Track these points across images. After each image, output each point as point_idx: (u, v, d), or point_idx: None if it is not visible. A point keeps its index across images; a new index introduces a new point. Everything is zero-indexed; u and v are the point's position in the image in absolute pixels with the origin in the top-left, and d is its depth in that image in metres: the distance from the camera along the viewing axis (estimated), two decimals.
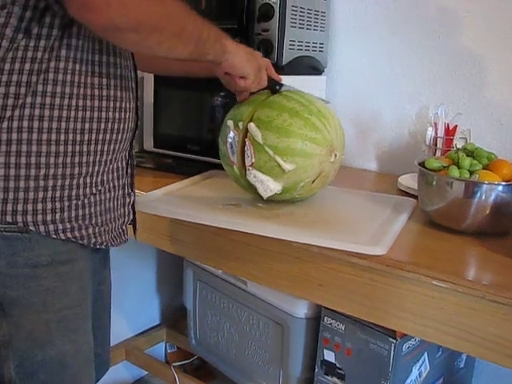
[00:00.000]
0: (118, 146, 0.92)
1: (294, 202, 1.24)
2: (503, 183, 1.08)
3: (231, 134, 1.19)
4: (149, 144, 1.70)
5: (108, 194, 0.92)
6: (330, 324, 1.32)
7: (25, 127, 0.80)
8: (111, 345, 1.21)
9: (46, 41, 0.81)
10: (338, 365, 1.34)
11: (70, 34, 0.83)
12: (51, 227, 0.84)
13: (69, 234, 0.86)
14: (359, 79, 1.75)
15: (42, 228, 0.83)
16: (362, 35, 1.72)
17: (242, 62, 1.08)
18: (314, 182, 1.18)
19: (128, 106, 0.93)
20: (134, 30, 0.82)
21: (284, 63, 1.47)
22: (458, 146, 1.23)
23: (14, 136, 0.80)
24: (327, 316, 1.33)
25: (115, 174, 0.94)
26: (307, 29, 1.59)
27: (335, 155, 1.17)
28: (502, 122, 1.53)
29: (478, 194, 1.07)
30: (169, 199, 1.26)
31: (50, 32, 0.81)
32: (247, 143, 1.15)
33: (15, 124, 0.80)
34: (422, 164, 1.17)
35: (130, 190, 0.99)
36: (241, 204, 1.23)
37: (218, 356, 1.76)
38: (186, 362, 2.15)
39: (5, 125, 0.80)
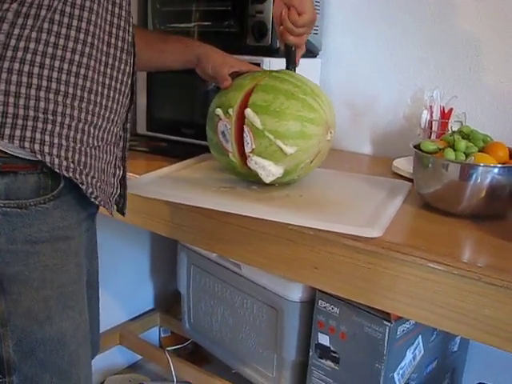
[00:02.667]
0: (117, 108, 0.92)
1: (290, 183, 1.23)
2: (499, 165, 1.07)
3: (222, 122, 1.18)
4: (142, 127, 1.68)
5: (105, 156, 0.92)
6: (325, 307, 1.32)
7: (37, 62, 0.80)
8: (105, 329, 1.21)
9: None
10: (332, 348, 1.34)
11: None
12: (56, 161, 0.83)
13: (71, 173, 0.85)
14: (354, 62, 1.74)
15: (47, 158, 0.82)
16: (357, 18, 1.71)
17: None
18: (312, 161, 1.18)
19: (128, 70, 0.93)
20: None
21: (278, 45, 1.45)
22: (453, 129, 1.22)
23: (26, 68, 0.80)
24: (321, 299, 1.33)
25: (113, 139, 0.94)
26: None
27: (330, 132, 1.17)
28: (497, 105, 1.52)
29: (474, 177, 1.07)
30: (162, 182, 1.25)
31: None
32: (245, 130, 1.14)
33: (28, 56, 0.80)
34: (417, 146, 1.16)
35: (119, 164, 0.99)
36: (235, 187, 1.22)
37: (212, 340, 1.76)
38: (180, 346, 2.15)
39: (20, 54, 0.79)
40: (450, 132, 1.19)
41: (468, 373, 1.64)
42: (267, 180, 1.16)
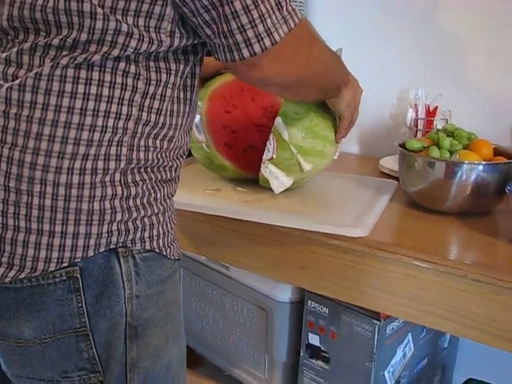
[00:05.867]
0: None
1: None
2: (483, 163, 1.08)
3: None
4: None
5: None
6: (314, 307, 1.32)
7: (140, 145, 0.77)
8: None
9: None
10: (322, 348, 1.34)
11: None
12: (168, 250, 0.83)
13: (176, 254, 0.85)
14: None
15: (167, 251, 0.82)
16: (340, 19, 1.71)
17: (342, 107, 1.08)
18: (313, 175, 1.20)
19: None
20: (284, 87, 0.86)
21: None
22: (438, 127, 1.23)
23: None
24: (311, 299, 1.33)
25: None
26: None
27: (337, 152, 1.20)
28: (482, 103, 1.53)
29: (459, 174, 1.07)
30: None
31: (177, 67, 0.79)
32: (271, 137, 1.13)
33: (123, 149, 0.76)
34: (402, 145, 1.17)
35: None
36: (221, 189, 1.22)
37: (203, 343, 1.75)
38: None
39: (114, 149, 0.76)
40: (434, 130, 1.19)
41: (458, 369, 1.64)
42: (277, 190, 1.16)
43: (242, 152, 1.26)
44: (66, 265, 0.73)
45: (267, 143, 1.14)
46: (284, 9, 0.75)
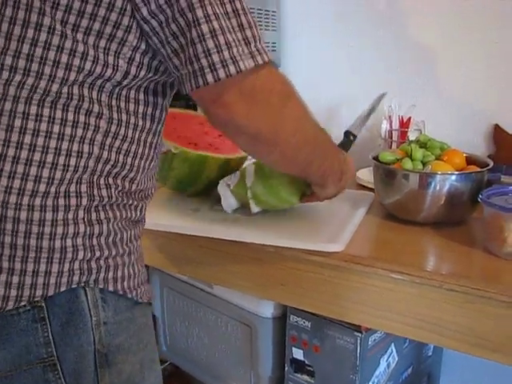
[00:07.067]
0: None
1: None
2: (456, 173, 1.10)
3: None
4: None
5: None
6: (296, 322, 1.33)
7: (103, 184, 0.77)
8: None
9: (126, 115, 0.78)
10: (306, 362, 1.35)
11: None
12: (134, 292, 0.82)
13: (145, 297, 0.84)
14: (313, 77, 1.75)
15: (133, 293, 0.81)
16: (313, 32, 1.73)
17: (321, 194, 1.08)
18: None
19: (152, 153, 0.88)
20: (251, 136, 0.81)
21: None
22: (411, 138, 1.24)
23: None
24: (293, 314, 1.33)
25: None
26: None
27: None
28: (455, 112, 1.55)
29: (432, 185, 1.09)
30: None
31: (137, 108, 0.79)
32: (237, 172, 1.16)
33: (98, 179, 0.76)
34: (376, 158, 1.18)
35: None
36: (199, 208, 1.22)
37: (189, 361, 1.75)
38: None
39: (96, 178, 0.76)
40: (408, 141, 1.21)
41: (444, 376, 1.65)
42: (227, 209, 1.19)
43: (209, 145, 1.28)
44: (24, 304, 0.72)
45: (233, 173, 1.17)
46: (252, 45, 0.74)
